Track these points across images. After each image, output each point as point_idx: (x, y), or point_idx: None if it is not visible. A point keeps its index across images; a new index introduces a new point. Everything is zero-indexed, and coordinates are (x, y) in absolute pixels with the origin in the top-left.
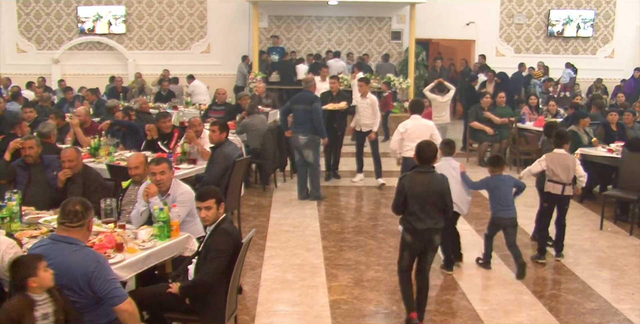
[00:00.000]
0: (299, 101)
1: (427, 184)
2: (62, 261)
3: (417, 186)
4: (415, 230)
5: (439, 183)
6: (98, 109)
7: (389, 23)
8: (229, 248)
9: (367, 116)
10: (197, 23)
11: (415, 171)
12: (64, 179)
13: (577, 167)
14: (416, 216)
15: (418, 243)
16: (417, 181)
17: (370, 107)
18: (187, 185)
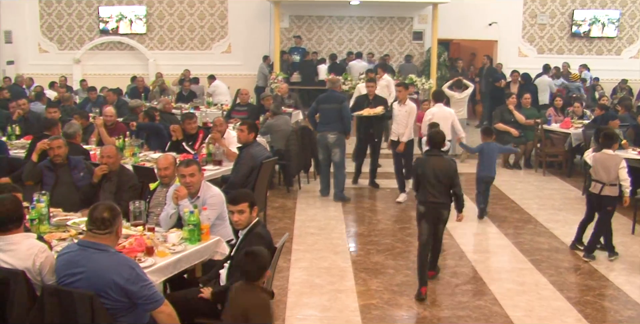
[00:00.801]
0: (327, 100)
1: (436, 165)
2: (93, 268)
3: (428, 167)
4: (426, 202)
5: (447, 165)
6: (120, 110)
7: (410, 23)
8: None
9: (404, 125)
10: (218, 23)
11: (427, 154)
12: (100, 174)
13: (621, 170)
14: (427, 191)
15: (429, 213)
16: (428, 163)
17: (407, 115)
18: (216, 187)
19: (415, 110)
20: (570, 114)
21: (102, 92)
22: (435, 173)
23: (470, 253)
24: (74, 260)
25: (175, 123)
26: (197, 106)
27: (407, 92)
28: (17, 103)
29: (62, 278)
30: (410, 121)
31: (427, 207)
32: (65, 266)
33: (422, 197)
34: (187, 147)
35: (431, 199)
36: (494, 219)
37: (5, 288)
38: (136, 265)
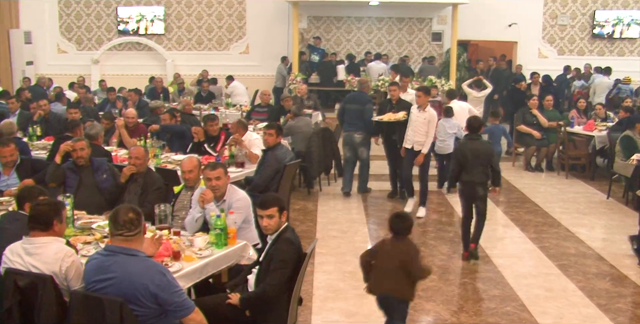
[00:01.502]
0: (353, 100)
1: (476, 148)
2: (124, 274)
3: (468, 149)
4: (464, 181)
5: (485, 147)
6: (141, 111)
7: (429, 24)
8: (293, 259)
9: (421, 133)
10: (236, 23)
11: (467, 138)
12: (128, 174)
13: None
14: (466, 171)
15: (467, 190)
16: (468, 146)
17: (427, 123)
18: (242, 191)
19: (435, 118)
20: (593, 116)
21: (120, 92)
22: (474, 154)
23: (496, 258)
24: (104, 266)
25: (195, 124)
26: (216, 107)
27: (428, 98)
28: (38, 104)
29: (91, 283)
30: (430, 129)
31: (465, 186)
32: (95, 272)
33: (462, 176)
34: (208, 149)
35: (468, 177)
36: (517, 222)
37: (33, 292)
38: (167, 271)
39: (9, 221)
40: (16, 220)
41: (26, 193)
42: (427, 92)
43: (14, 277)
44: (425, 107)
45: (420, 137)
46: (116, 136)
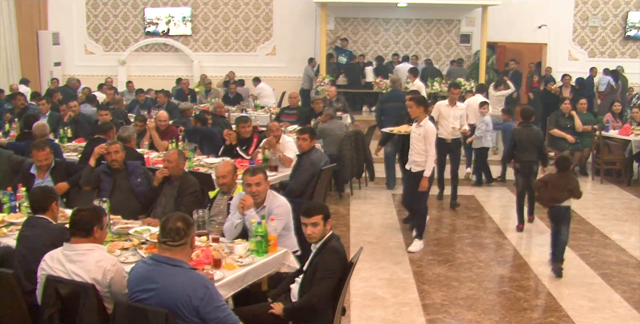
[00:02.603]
0: (390, 99)
1: (529, 133)
2: (167, 286)
3: (523, 135)
4: (521, 160)
5: (537, 133)
6: (170, 112)
7: (457, 26)
8: (339, 268)
9: (417, 151)
10: (263, 25)
11: (521, 125)
12: (160, 177)
13: None
14: (522, 152)
15: (525, 169)
16: (523, 132)
17: (422, 139)
18: (283, 197)
19: (433, 133)
20: (629, 120)
21: (148, 94)
22: (529, 139)
23: (535, 265)
24: (148, 275)
25: (226, 127)
26: (244, 109)
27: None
28: (68, 105)
29: (134, 293)
30: (429, 147)
31: (522, 164)
32: (138, 281)
33: (518, 157)
34: (241, 152)
35: (526, 158)
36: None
37: (75, 301)
38: (211, 284)
39: (28, 227)
40: (33, 226)
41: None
42: (420, 103)
43: (55, 285)
44: (422, 120)
45: (417, 156)
46: (147, 138)
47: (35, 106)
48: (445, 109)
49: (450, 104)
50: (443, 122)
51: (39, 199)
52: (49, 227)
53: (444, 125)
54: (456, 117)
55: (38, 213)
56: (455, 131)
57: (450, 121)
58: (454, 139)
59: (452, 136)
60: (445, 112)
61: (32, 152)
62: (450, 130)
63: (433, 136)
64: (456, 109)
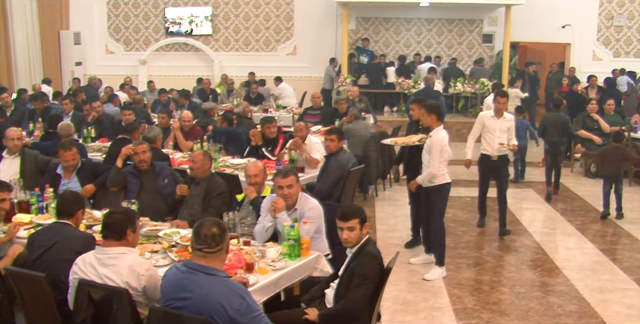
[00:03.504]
0: (423, 95)
1: (557, 119)
2: (201, 296)
3: (551, 120)
4: (550, 141)
5: (562, 118)
6: (193, 112)
7: (480, 25)
8: (376, 273)
9: (426, 163)
10: (284, 24)
11: (550, 111)
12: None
13: None
14: (551, 134)
15: (551, 148)
16: (550, 117)
17: (429, 150)
18: (314, 199)
19: (438, 144)
20: None
21: (170, 94)
22: (556, 122)
23: (567, 270)
24: (182, 284)
25: (252, 127)
26: (266, 109)
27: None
28: (92, 106)
29: (168, 301)
30: (431, 159)
31: (551, 145)
32: (172, 289)
33: (547, 138)
34: (267, 153)
35: (554, 139)
36: (584, 232)
37: (108, 306)
38: (247, 294)
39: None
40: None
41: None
42: (432, 110)
43: (88, 289)
44: (434, 128)
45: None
46: (172, 138)
47: (58, 105)
48: (490, 121)
49: (496, 115)
50: (488, 137)
51: (67, 204)
52: (74, 235)
53: (488, 139)
54: (503, 130)
55: (63, 218)
56: (502, 147)
57: (496, 135)
58: (501, 156)
59: (499, 152)
60: (490, 124)
61: (59, 152)
62: (497, 146)
63: (438, 146)
64: (503, 120)
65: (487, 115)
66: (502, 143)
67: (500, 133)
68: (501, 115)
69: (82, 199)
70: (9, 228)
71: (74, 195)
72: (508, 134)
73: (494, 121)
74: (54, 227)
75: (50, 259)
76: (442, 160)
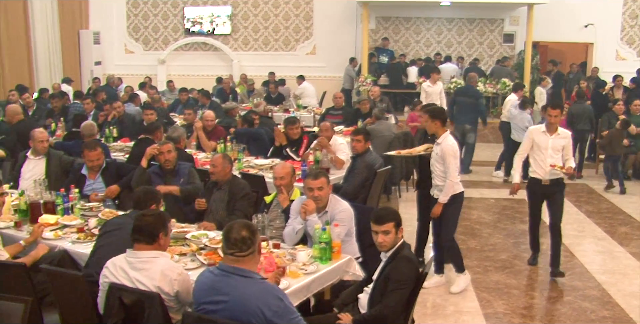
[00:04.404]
0: (463, 94)
1: (580, 108)
2: (238, 298)
3: (576, 109)
4: (576, 130)
5: (586, 108)
6: (214, 112)
7: (501, 25)
8: (412, 278)
9: (437, 174)
10: (303, 24)
11: (575, 103)
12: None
13: None
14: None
15: (579, 136)
16: (576, 108)
17: (440, 159)
18: (345, 201)
19: (449, 152)
20: None
21: (191, 93)
22: (581, 113)
23: (598, 274)
24: (216, 287)
25: (273, 127)
26: (287, 109)
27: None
28: (112, 106)
29: (202, 305)
30: (448, 169)
31: (577, 133)
32: (206, 292)
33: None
34: (291, 153)
35: (580, 128)
36: (614, 235)
37: (139, 310)
38: (284, 296)
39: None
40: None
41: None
42: (436, 116)
43: (119, 293)
44: (440, 136)
45: (438, 179)
46: (194, 138)
47: (79, 104)
48: (540, 138)
49: (549, 130)
50: (538, 156)
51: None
52: None
53: (538, 160)
54: (557, 148)
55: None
56: (555, 169)
57: (548, 155)
58: (554, 180)
59: (551, 175)
60: (541, 141)
61: (84, 152)
62: (548, 167)
63: (452, 154)
64: (557, 137)
65: (537, 130)
66: (554, 165)
67: (553, 152)
68: (554, 130)
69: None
70: (34, 229)
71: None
72: (563, 154)
73: (545, 137)
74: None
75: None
76: (456, 168)
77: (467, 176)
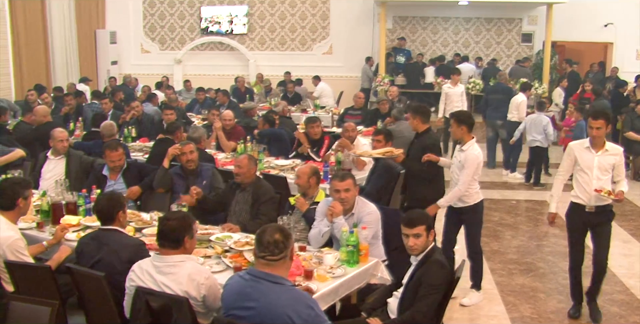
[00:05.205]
0: (496, 91)
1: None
2: (267, 305)
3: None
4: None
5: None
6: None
7: (519, 25)
8: (444, 283)
9: (456, 181)
10: (320, 24)
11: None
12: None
13: None
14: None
15: None
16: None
17: (461, 166)
18: (372, 203)
19: (472, 160)
20: None
21: (208, 93)
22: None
23: (625, 278)
24: (245, 292)
25: (293, 127)
26: (304, 109)
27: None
28: (131, 106)
29: (231, 310)
30: (463, 176)
31: None
32: (235, 298)
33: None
34: (312, 154)
35: None
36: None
37: (167, 314)
38: (315, 304)
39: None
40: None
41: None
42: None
43: (145, 297)
44: (466, 143)
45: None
46: (214, 138)
47: (97, 104)
48: (584, 155)
49: (594, 146)
50: (581, 178)
51: (105, 209)
52: (123, 243)
53: (582, 182)
54: (605, 168)
55: (106, 224)
56: (602, 194)
57: (594, 176)
58: (601, 207)
59: (597, 201)
60: (584, 160)
61: (105, 152)
62: (593, 192)
63: (474, 164)
64: (605, 155)
65: (580, 146)
66: (600, 189)
67: (600, 173)
68: (601, 146)
69: (118, 198)
70: (56, 231)
71: (108, 197)
72: (614, 175)
73: (589, 155)
74: (101, 235)
75: (101, 270)
76: (476, 177)
77: (486, 177)
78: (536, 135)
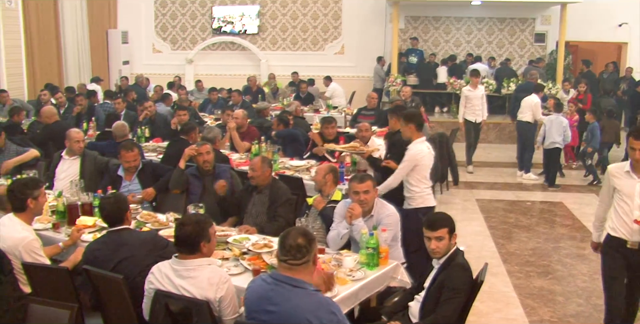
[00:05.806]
0: (524, 90)
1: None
2: (288, 309)
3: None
4: None
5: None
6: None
7: (532, 24)
8: (467, 286)
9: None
10: (332, 23)
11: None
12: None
13: None
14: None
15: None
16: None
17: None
18: (391, 205)
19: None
20: None
21: (220, 93)
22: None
23: None
24: (267, 296)
25: (307, 128)
26: (317, 109)
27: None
28: (144, 106)
29: (252, 313)
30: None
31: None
32: (257, 301)
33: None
34: (327, 155)
35: None
36: None
37: (187, 318)
38: (337, 309)
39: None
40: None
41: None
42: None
43: (165, 300)
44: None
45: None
46: (228, 139)
47: (109, 104)
48: (623, 181)
49: (636, 171)
50: (620, 207)
51: (113, 213)
52: (141, 238)
53: (621, 212)
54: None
55: (115, 226)
56: None
57: (635, 205)
58: None
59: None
60: (624, 186)
61: (121, 153)
62: (635, 225)
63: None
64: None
65: (619, 170)
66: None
67: None
68: None
69: (123, 199)
70: (72, 232)
71: (113, 201)
72: None
73: (630, 181)
74: (114, 237)
75: (126, 270)
76: (421, 178)
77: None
78: (556, 137)
